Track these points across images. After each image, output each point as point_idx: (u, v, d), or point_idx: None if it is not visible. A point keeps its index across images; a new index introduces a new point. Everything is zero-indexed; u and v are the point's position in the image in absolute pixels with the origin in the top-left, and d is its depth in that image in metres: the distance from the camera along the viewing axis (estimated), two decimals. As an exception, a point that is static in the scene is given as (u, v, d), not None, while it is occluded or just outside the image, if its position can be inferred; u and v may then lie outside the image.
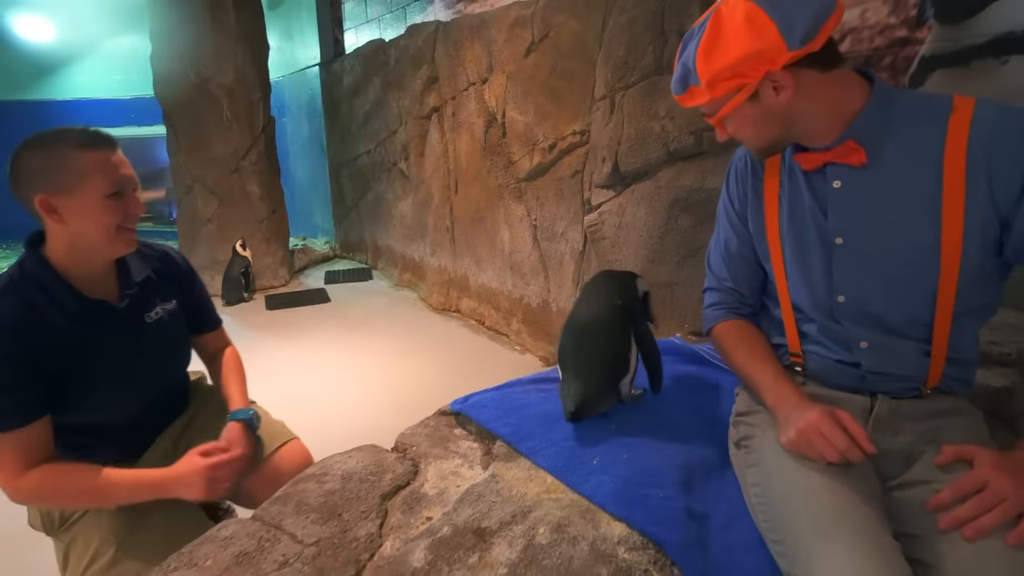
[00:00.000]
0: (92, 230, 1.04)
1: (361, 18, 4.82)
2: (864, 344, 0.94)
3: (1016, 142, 0.79)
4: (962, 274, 0.85)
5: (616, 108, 2.03)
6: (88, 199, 1.02)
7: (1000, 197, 0.81)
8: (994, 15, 1.30)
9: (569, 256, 2.86)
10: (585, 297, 1.32)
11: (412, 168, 4.16)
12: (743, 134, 0.95)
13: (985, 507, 0.76)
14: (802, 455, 0.86)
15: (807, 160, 0.94)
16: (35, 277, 1.04)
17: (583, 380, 1.19)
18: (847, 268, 0.92)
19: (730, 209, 1.09)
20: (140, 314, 1.18)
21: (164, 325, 1.22)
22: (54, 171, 1.00)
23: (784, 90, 0.86)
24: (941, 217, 0.84)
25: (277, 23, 5.75)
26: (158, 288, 1.23)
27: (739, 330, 1.07)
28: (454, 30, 3.46)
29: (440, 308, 3.98)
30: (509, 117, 3.09)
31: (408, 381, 2.92)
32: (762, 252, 1.04)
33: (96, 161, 1.03)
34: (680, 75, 0.94)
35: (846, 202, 0.91)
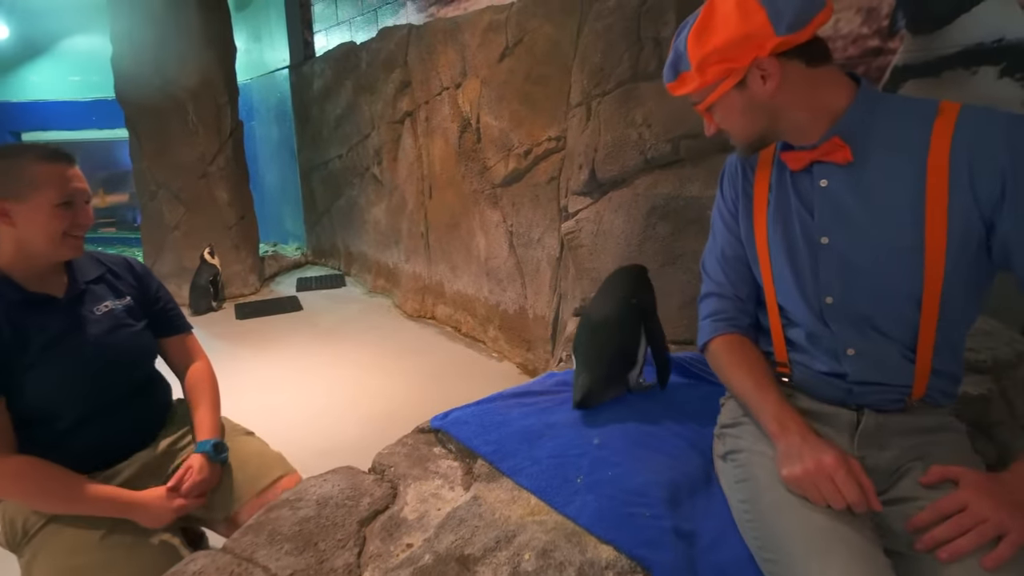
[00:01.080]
0: (39, 235, 1.12)
1: (331, 20, 4.74)
2: (851, 351, 0.93)
3: (999, 144, 0.79)
4: (946, 275, 0.85)
5: (592, 115, 2.02)
6: (38, 206, 1.10)
7: (983, 199, 0.81)
8: (963, 27, 1.32)
9: (546, 263, 2.84)
10: (602, 293, 1.41)
11: (385, 173, 4.09)
12: (729, 124, 0.96)
13: (962, 529, 0.76)
14: (802, 493, 0.84)
15: (794, 159, 0.95)
16: None
17: (589, 372, 1.31)
18: (833, 268, 0.92)
19: (724, 212, 1.09)
20: (86, 307, 1.21)
21: (116, 315, 1.24)
22: (11, 178, 1.09)
23: (771, 79, 0.87)
24: (925, 218, 0.84)
25: (244, 24, 5.62)
26: (111, 287, 1.28)
27: (738, 347, 1.04)
28: (427, 34, 3.42)
29: (415, 315, 3.93)
30: (484, 122, 3.06)
31: (384, 391, 2.86)
32: (751, 254, 1.04)
33: (51, 173, 1.11)
34: (672, 61, 0.95)
35: (832, 201, 0.91)
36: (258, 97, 5.84)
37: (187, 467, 1.21)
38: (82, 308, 1.20)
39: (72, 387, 1.15)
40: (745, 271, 1.07)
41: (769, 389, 0.96)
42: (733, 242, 1.07)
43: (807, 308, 0.96)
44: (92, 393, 1.17)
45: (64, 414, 1.15)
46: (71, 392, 1.15)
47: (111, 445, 1.22)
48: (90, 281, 1.24)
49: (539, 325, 2.94)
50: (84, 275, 1.24)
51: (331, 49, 4.56)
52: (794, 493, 0.85)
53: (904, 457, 0.91)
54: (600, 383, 1.30)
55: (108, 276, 1.28)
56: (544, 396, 1.43)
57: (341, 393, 2.86)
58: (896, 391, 0.93)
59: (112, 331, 1.21)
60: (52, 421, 1.14)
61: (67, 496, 1.10)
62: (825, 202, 0.92)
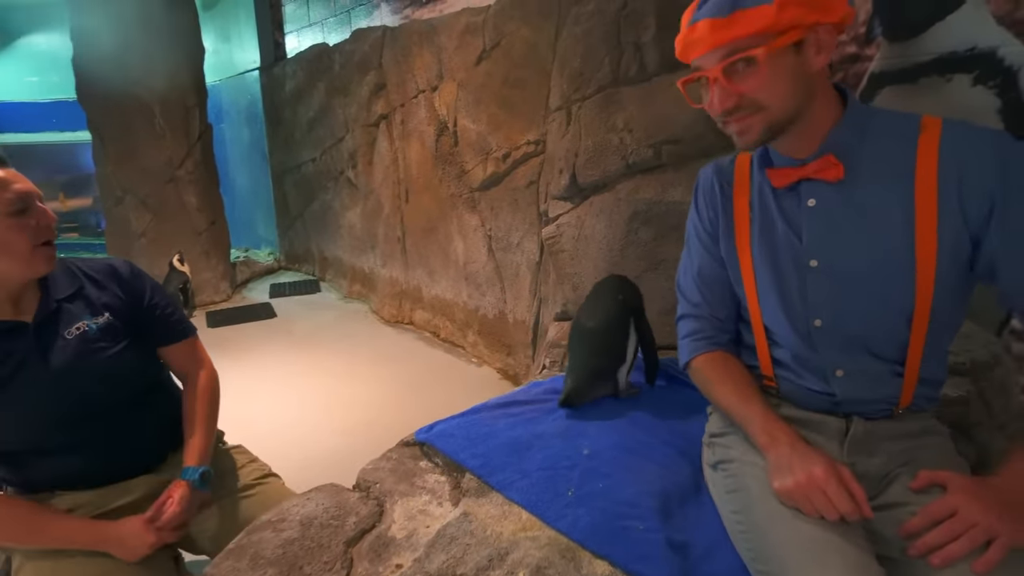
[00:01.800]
0: (9, 255, 0.99)
1: (303, 21, 4.66)
2: (840, 373, 0.93)
3: (987, 165, 0.80)
4: (936, 292, 0.85)
5: (573, 119, 2.01)
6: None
7: (972, 217, 0.81)
8: (937, 35, 1.35)
9: (525, 267, 2.82)
10: (591, 298, 1.45)
11: (360, 177, 4.03)
12: (770, 91, 0.83)
13: (954, 534, 0.76)
14: (794, 505, 0.83)
15: (780, 176, 0.92)
16: None
17: (577, 369, 1.35)
18: (823, 291, 0.91)
19: (701, 231, 1.06)
20: (57, 331, 1.10)
21: (88, 337, 1.12)
22: None
23: (824, 52, 0.82)
24: (915, 236, 0.84)
25: (212, 24, 5.48)
26: (88, 303, 1.15)
27: (720, 363, 1.03)
28: (402, 36, 3.38)
29: (393, 320, 3.88)
30: (461, 126, 3.03)
31: (363, 400, 2.81)
32: (734, 275, 1.02)
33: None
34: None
35: (821, 221, 0.90)
36: (228, 99, 5.71)
37: (167, 496, 1.13)
38: (52, 332, 1.10)
39: (36, 421, 1.06)
40: (723, 292, 1.04)
41: (754, 401, 0.95)
42: (711, 262, 1.05)
43: (794, 332, 0.94)
44: (64, 424, 1.09)
45: (36, 446, 1.08)
46: (36, 426, 1.07)
47: (106, 472, 1.15)
48: (63, 299, 1.13)
49: (519, 330, 2.93)
50: (57, 292, 1.12)
51: (303, 50, 4.47)
52: (786, 504, 0.85)
53: (892, 462, 0.92)
54: (587, 379, 1.33)
55: (86, 290, 1.16)
56: (530, 406, 1.41)
57: (318, 403, 2.80)
58: (884, 402, 0.94)
59: (82, 356, 1.10)
60: (25, 454, 1.08)
61: (34, 533, 1.05)
62: (814, 223, 0.90)
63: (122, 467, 1.17)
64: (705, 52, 0.84)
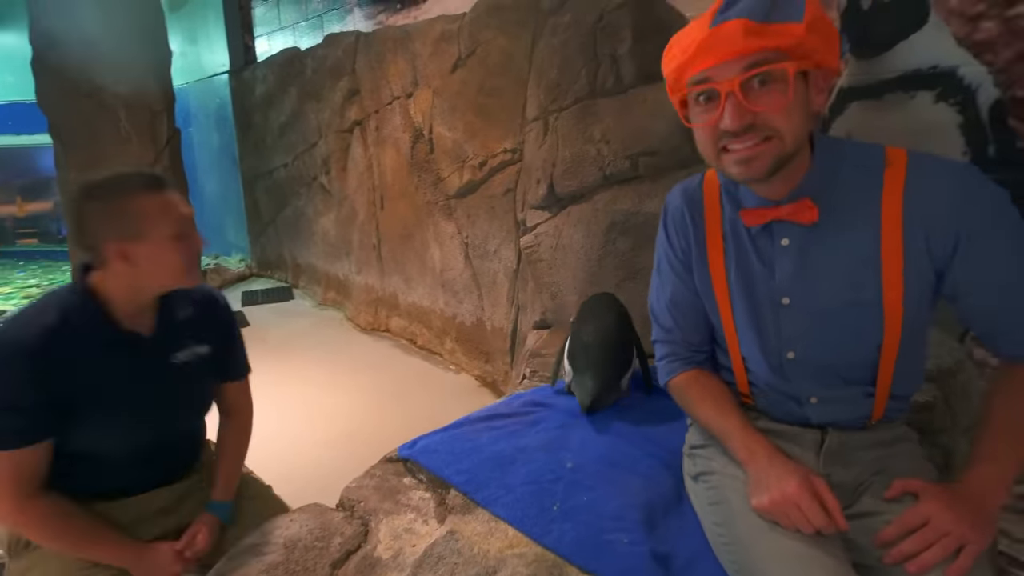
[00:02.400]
0: (163, 273, 1.06)
1: (274, 25, 4.59)
2: (814, 400, 0.95)
3: (951, 206, 0.81)
4: (904, 323, 0.87)
5: (550, 130, 2.02)
6: (157, 242, 1.02)
7: (937, 254, 0.83)
8: (902, 54, 1.40)
9: (503, 274, 2.83)
10: (589, 309, 1.54)
11: (334, 183, 3.99)
12: (786, 116, 0.78)
13: (927, 542, 0.79)
14: (773, 520, 0.85)
15: (753, 216, 0.91)
16: (77, 302, 1.04)
17: (596, 378, 1.39)
18: (795, 326, 0.92)
19: (674, 260, 1.05)
20: (169, 352, 1.14)
21: (191, 368, 1.16)
22: (122, 218, 1.00)
23: (822, 94, 0.82)
24: (882, 275, 0.85)
25: (179, 26, 5.36)
26: (195, 330, 1.18)
27: (698, 381, 1.04)
28: (376, 42, 3.36)
29: (368, 328, 3.84)
30: (437, 133, 3.03)
31: (341, 410, 2.78)
32: (710, 307, 1.01)
33: (158, 204, 1.02)
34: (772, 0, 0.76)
35: (793, 261, 0.90)
36: (196, 103, 5.59)
37: (199, 530, 1.13)
38: (164, 352, 1.13)
39: (120, 435, 1.09)
40: (696, 318, 1.04)
41: (733, 416, 0.96)
42: (684, 290, 1.04)
43: (767, 364, 0.95)
44: (141, 442, 1.12)
45: (103, 455, 1.10)
46: (117, 439, 1.09)
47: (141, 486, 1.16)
48: (179, 321, 1.15)
49: (497, 337, 2.93)
50: (174, 314, 1.15)
51: (274, 54, 4.41)
52: (765, 518, 0.87)
53: (865, 472, 0.94)
54: (605, 388, 1.39)
55: (195, 316, 1.18)
56: (513, 418, 1.42)
57: (297, 413, 2.76)
58: (858, 418, 0.96)
59: (185, 382, 1.15)
60: (97, 460, 1.09)
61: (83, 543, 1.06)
62: (786, 262, 0.90)
63: (155, 482, 1.18)
64: (727, 59, 0.77)
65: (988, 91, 1.29)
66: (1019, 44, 1.25)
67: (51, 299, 1.04)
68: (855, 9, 1.45)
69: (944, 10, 1.33)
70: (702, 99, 0.83)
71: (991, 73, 1.28)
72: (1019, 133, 1.27)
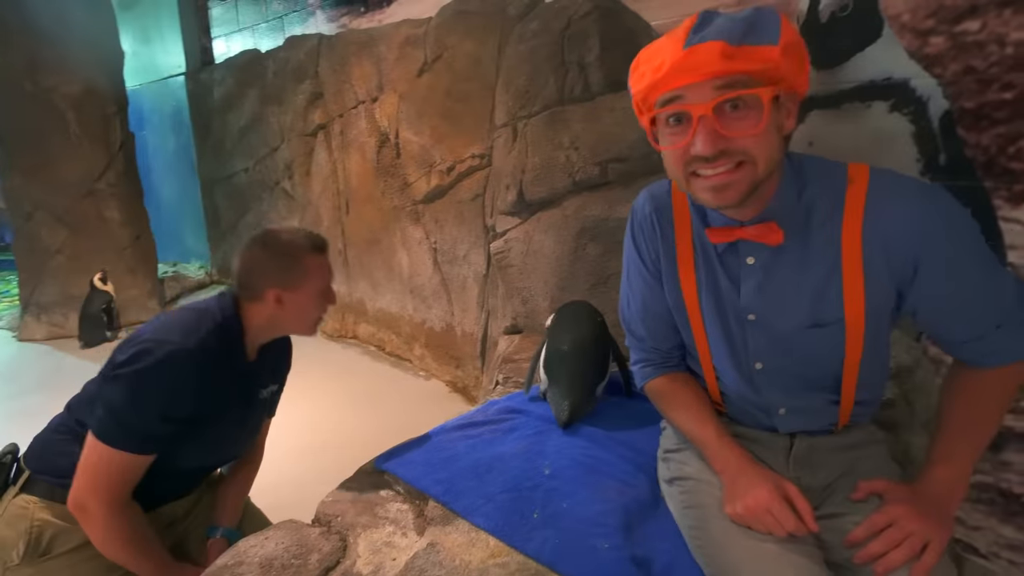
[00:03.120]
0: (302, 320, 1.22)
1: (232, 26, 4.48)
2: (782, 411, 0.97)
3: (910, 222, 0.81)
4: (866, 339, 0.89)
5: (519, 136, 2.03)
6: (309, 295, 1.20)
7: (897, 275, 0.84)
8: (858, 65, 1.46)
9: (472, 279, 2.83)
10: (565, 317, 1.53)
11: (297, 188, 3.92)
12: (759, 141, 0.77)
13: (894, 543, 0.82)
14: (746, 526, 0.87)
15: (719, 235, 0.90)
16: (228, 330, 1.15)
17: (572, 391, 1.38)
18: (762, 340, 0.94)
19: (643, 270, 1.04)
20: (260, 387, 1.28)
21: (265, 405, 1.32)
22: (289, 271, 1.17)
23: (791, 118, 0.81)
24: (843, 296, 0.86)
25: (131, 25, 5.18)
26: (276, 369, 1.34)
27: (673, 385, 1.06)
28: (339, 45, 3.31)
29: (335, 335, 3.79)
30: (403, 137, 3.01)
31: (312, 420, 2.73)
32: (680, 320, 1.02)
33: (319, 264, 1.22)
34: (748, 22, 0.75)
35: (758, 279, 0.90)
36: (150, 105, 5.41)
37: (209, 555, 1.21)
38: (256, 386, 1.26)
39: (211, 456, 1.24)
40: (667, 327, 1.05)
41: (709, 425, 0.98)
42: (654, 300, 1.04)
43: (738, 374, 0.97)
44: (213, 462, 1.29)
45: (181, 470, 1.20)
46: (205, 459, 1.22)
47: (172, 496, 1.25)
48: (268, 358, 1.28)
49: (467, 342, 2.92)
50: (270, 353, 1.28)
51: (233, 56, 4.31)
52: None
53: (833, 474, 0.97)
54: (582, 399, 1.39)
55: (277, 356, 1.32)
56: (488, 426, 1.42)
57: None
58: (825, 426, 0.99)
59: (259, 416, 1.32)
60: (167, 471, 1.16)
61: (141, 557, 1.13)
62: (750, 280, 0.91)
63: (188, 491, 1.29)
64: (701, 80, 0.75)
65: (938, 102, 1.36)
66: (966, 58, 1.31)
67: (207, 316, 1.14)
68: (814, 21, 1.51)
69: (897, 25, 1.39)
70: (672, 120, 0.80)
71: (941, 85, 1.35)
72: (967, 142, 1.34)
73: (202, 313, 1.14)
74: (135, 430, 1.06)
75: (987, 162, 1.32)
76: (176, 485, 1.24)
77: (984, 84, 1.30)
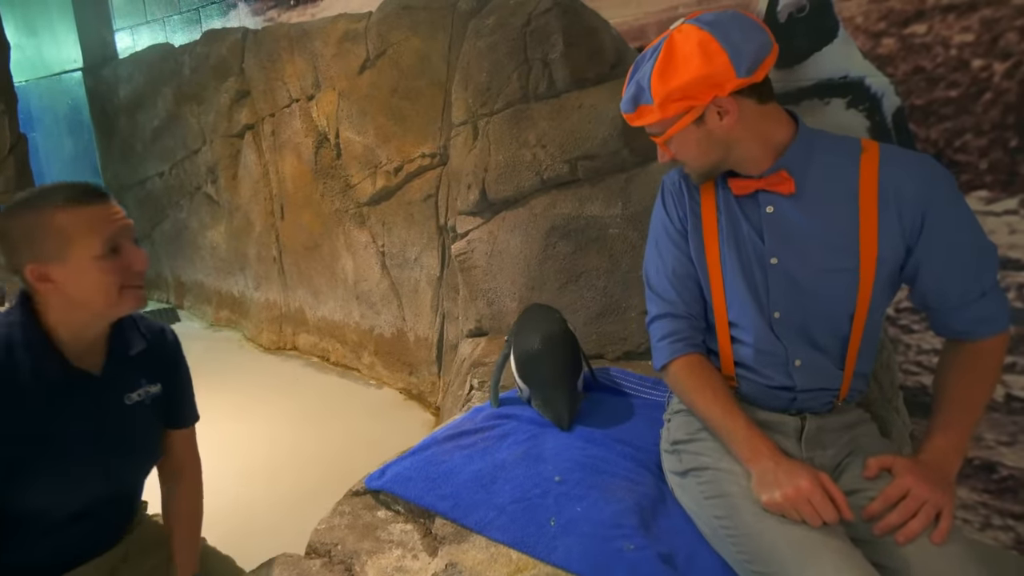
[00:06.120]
0: (92, 294, 0.92)
1: (138, 17, 4.11)
2: (798, 362, 1.02)
3: (920, 186, 0.92)
4: (874, 293, 0.97)
5: (480, 134, 1.98)
6: (80, 263, 0.89)
7: (907, 229, 0.94)
8: (815, 64, 1.53)
9: (426, 282, 2.74)
10: (527, 320, 1.51)
11: (223, 193, 3.66)
12: (686, 155, 1.01)
13: (910, 512, 0.87)
14: (780, 514, 0.89)
15: (739, 186, 1.01)
16: (22, 335, 0.91)
17: (565, 394, 1.37)
18: (781, 286, 1.00)
19: (672, 230, 1.11)
20: (121, 392, 1.02)
21: (143, 411, 1.04)
22: (39, 237, 0.89)
23: (728, 115, 0.93)
24: (859, 245, 0.95)
25: (12, 15, 4.64)
26: (147, 367, 1.06)
27: (698, 368, 1.07)
28: (267, 40, 3.12)
29: (273, 348, 3.57)
30: (344, 137, 2.87)
31: (259, 440, 2.54)
32: (702, 273, 1.08)
33: (82, 219, 0.90)
34: (633, 94, 0.98)
35: (778, 226, 0.99)
36: (40, 104, 4.87)
37: None
38: (115, 392, 1.00)
39: (79, 489, 0.96)
40: (696, 289, 1.10)
41: (737, 414, 1.00)
42: (684, 260, 1.10)
43: (761, 321, 1.02)
44: (95, 496, 0.98)
45: (56, 516, 0.95)
46: (75, 495, 0.96)
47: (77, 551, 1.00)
48: (129, 358, 1.02)
49: (421, 347, 2.84)
50: (125, 347, 1.02)
51: (141, 51, 3.96)
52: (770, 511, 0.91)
53: (841, 453, 1.03)
54: (573, 400, 1.38)
55: (146, 352, 1.05)
56: (480, 434, 1.37)
57: (209, 449, 2.46)
58: (828, 394, 1.04)
59: (139, 425, 1.03)
60: (37, 520, 0.94)
61: None
62: (772, 226, 0.99)
63: (97, 545, 1.03)
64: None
65: (891, 99, 1.45)
66: (915, 59, 1.41)
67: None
68: (773, 22, 1.57)
69: (851, 26, 1.47)
70: None
71: (893, 84, 1.44)
72: (918, 136, 1.44)
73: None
74: None
75: (936, 155, 1.42)
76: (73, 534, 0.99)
77: (932, 83, 1.40)
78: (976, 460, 1.51)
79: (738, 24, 0.92)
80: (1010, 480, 1.47)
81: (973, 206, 1.39)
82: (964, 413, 0.97)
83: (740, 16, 0.94)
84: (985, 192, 1.37)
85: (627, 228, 1.71)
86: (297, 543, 1.13)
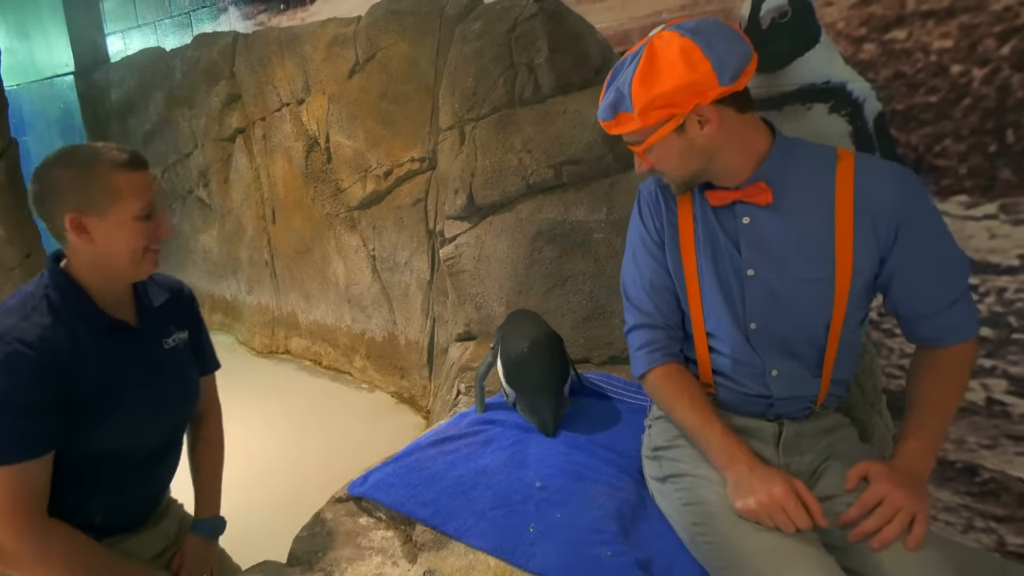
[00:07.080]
0: (120, 251, 0.99)
1: (129, 21, 4.11)
2: (775, 372, 1.02)
3: (894, 198, 0.93)
4: (849, 302, 0.97)
5: (467, 139, 1.99)
6: (120, 220, 0.97)
7: (882, 239, 0.94)
8: (798, 69, 1.54)
9: (416, 286, 2.75)
10: (513, 325, 1.50)
11: (215, 196, 3.66)
12: (665, 165, 1.00)
13: (885, 519, 0.87)
14: (755, 520, 0.89)
15: (716, 197, 1.01)
16: (61, 293, 0.97)
17: (551, 400, 1.38)
18: (758, 297, 1.00)
19: (649, 241, 1.11)
20: (158, 338, 1.10)
21: (180, 353, 1.14)
22: (88, 190, 0.95)
23: (709, 124, 0.93)
24: (834, 256, 0.95)
25: (3, 19, 4.64)
26: (173, 316, 1.15)
27: (676, 377, 1.07)
28: (258, 44, 3.12)
29: (265, 351, 3.57)
30: (335, 141, 2.87)
31: (250, 444, 2.53)
32: (679, 284, 1.08)
33: (132, 182, 0.98)
34: (612, 100, 0.97)
35: (755, 237, 0.99)
36: (32, 108, 4.86)
37: (182, 556, 1.10)
38: (154, 338, 1.08)
39: (138, 435, 1.04)
40: (673, 300, 1.10)
41: (714, 421, 1.00)
42: (660, 272, 1.10)
43: (738, 333, 1.02)
44: (153, 440, 1.08)
45: (134, 454, 1.04)
46: (135, 441, 1.04)
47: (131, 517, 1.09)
48: (156, 308, 1.10)
49: (412, 351, 2.84)
50: (151, 299, 1.10)
51: (132, 54, 3.95)
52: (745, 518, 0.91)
53: (818, 459, 1.03)
54: (558, 406, 1.39)
55: (169, 302, 1.14)
56: (463, 440, 1.37)
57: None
58: (805, 401, 1.05)
59: (180, 368, 1.12)
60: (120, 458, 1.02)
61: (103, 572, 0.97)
62: (749, 238, 0.99)
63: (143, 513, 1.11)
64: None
65: (872, 104, 1.45)
66: (895, 64, 1.42)
67: (25, 297, 0.96)
68: (755, 27, 1.57)
69: (833, 32, 1.48)
70: None
71: (874, 89, 1.45)
72: (899, 141, 1.44)
73: (26, 294, 0.98)
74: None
75: (916, 160, 1.43)
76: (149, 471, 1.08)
77: (912, 88, 1.41)
78: (958, 463, 1.52)
79: (720, 32, 0.92)
80: (992, 483, 1.47)
81: (953, 211, 1.40)
82: (935, 417, 0.98)
83: (721, 24, 0.95)
84: (964, 197, 1.38)
85: (611, 233, 1.71)
86: (286, 548, 1.13)
